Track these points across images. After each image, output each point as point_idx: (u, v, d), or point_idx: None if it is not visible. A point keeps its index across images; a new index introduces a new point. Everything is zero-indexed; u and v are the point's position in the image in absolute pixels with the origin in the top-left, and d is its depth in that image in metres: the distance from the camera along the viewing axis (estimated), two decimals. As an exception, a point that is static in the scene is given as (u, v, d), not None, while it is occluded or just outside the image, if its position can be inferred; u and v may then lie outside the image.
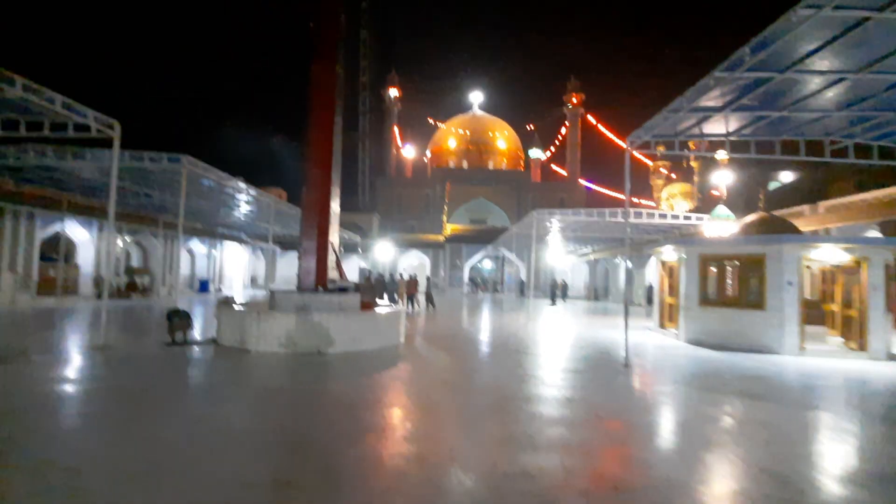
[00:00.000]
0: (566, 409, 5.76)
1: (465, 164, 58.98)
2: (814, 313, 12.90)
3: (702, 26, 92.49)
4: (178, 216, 24.93)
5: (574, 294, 37.69)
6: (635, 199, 57.70)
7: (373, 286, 15.13)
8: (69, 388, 6.19)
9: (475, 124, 61.34)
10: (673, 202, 51.93)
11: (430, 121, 64.36)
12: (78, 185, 17.04)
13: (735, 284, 11.88)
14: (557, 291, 30.35)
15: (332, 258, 11.14)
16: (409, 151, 63.01)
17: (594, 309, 24.59)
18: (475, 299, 31.65)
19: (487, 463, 3.99)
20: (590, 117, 61.66)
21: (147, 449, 4.12)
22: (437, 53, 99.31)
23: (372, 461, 4.02)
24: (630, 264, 31.47)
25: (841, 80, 6.67)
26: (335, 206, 11.17)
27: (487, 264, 46.18)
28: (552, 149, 66.06)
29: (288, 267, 39.15)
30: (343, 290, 10.75)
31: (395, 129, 60.65)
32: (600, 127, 62.47)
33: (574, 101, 58.42)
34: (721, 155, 17.46)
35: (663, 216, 19.40)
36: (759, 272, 11.29)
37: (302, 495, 3.32)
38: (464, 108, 64.59)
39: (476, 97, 64.16)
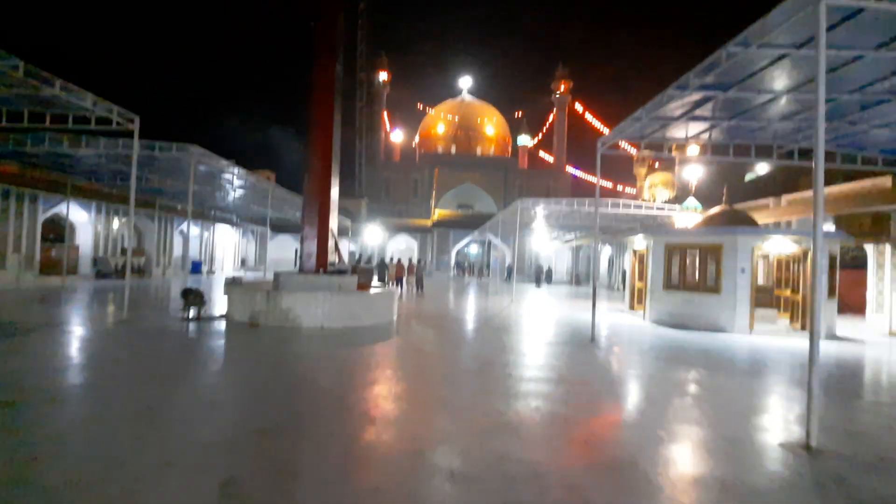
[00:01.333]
0: (535, 371, 6.96)
1: (453, 150, 59.69)
2: (768, 298, 14.34)
3: (692, 12, 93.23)
4: (173, 199, 25.55)
5: (558, 279, 39.21)
6: (619, 188, 59.18)
7: (367, 269, 16.16)
8: (112, 354, 7.20)
9: (464, 110, 61.91)
10: (655, 191, 53.39)
11: (420, 106, 64.74)
12: (81, 170, 17.65)
13: (695, 271, 13.18)
14: (542, 276, 32.39)
15: (331, 243, 12.13)
16: (397, 136, 63.42)
17: (575, 293, 25.97)
18: (462, 283, 32.87)
19: (467, 405, 5.17)
20: (577, 105, 62.51)
21: (199, 394, 5.20)
22: (427, 38, 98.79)
23: (377, 403, 5.15)
24: (611, 251, 33.09)
25: (776, 97, 7.82)
26: (334, 194, 12.12)
27: (474, 249, 47.37)
28: (540, 135, 66.97)
29: (279, 249, 39.89)
30: (342, 272, 11.78)
31: (385, 114, 60.91)
32: (587, 116, 63.36)
33: (562, 88, 59.19)
34: (693, 151, 18.65)
35: (638, 207, 20.65)
36: (717, 260, 12.59)
37: (330, 423, 4.43)
38: (453, 93, 65.07)
39: (465, 82, 64.67)
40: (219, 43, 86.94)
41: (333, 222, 12.22)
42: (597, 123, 60.95)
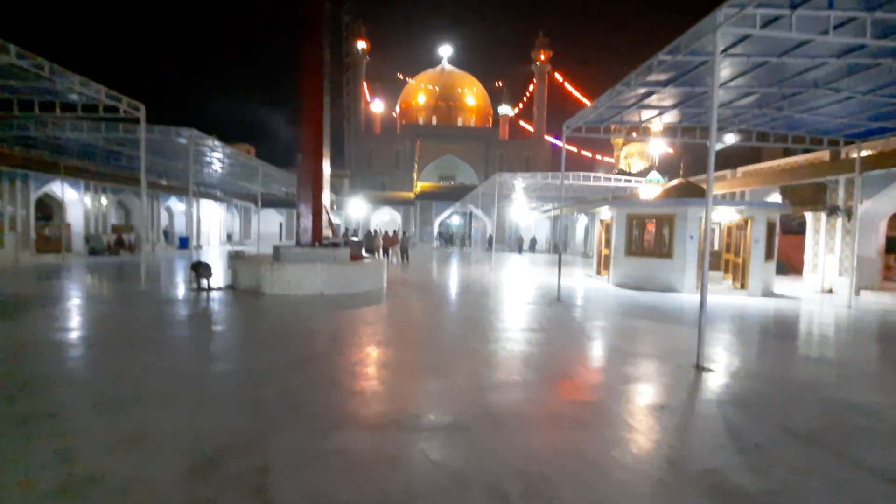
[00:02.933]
0: (505, 323, 8.44)
1: (434, 121, 60.01)
2: (715, 261, 16.09)
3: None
4: (159, 176, 25.97)
5: (539, 247, 41.03)
6: (598, 157, 60.65)
7: (356, 241, 17.40)
8: (149, 317, 8.40)
9: (444, 79, 61.96)
10: (630, 161, 55.06)
11: (400, 76, 64.43)
12: (76, 151, 18.21)
13: (652, 238, 14.80)
14: (522, 244, 34.53)
15: (324, 218, 13.29)
16: (378, 106, 63.22)
17: (552, 260, 27.65)
18: (445, 253, 34.30)
19: (449, 345, 6.62)
20: (557, 75, 63.02)
21: (235, 342, 6.51)
22: (406, 5, 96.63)
23: (377, 346, 6.55)
24: (587, 220, 34.79)
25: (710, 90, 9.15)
26: (326, 173, 13.20)
27: (456, 220, 48.67)
28: (521, 105, 67.48)
29: (265, 223, 40.56)
30: (335, 244, 13.01)
31: (364, 84, 60.53)
32: (567, 85, 63.97)
33: (542, 57, 59.53)
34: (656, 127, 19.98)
35: (608, 179, 22.12)
36: (670, 228, 14.20)
37: (343, 358, 5.81)
38: (433, 62, 64.87)
39: (445, 51, 64.42)
40: (194, 16, 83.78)
41: (326, 199, 13.35)
42: (577, 94, 61.76)
